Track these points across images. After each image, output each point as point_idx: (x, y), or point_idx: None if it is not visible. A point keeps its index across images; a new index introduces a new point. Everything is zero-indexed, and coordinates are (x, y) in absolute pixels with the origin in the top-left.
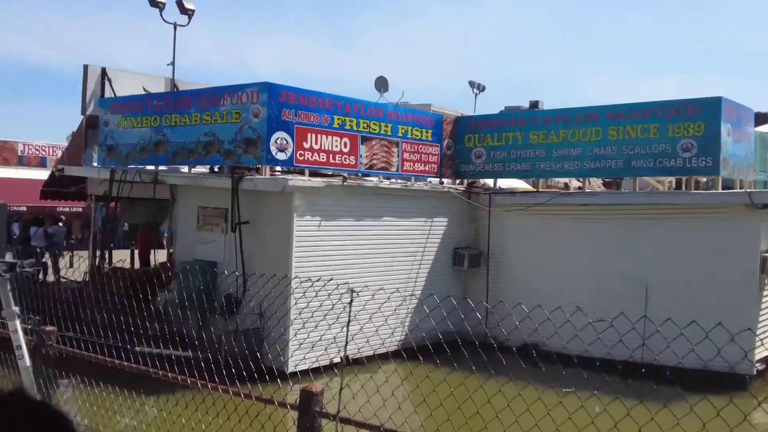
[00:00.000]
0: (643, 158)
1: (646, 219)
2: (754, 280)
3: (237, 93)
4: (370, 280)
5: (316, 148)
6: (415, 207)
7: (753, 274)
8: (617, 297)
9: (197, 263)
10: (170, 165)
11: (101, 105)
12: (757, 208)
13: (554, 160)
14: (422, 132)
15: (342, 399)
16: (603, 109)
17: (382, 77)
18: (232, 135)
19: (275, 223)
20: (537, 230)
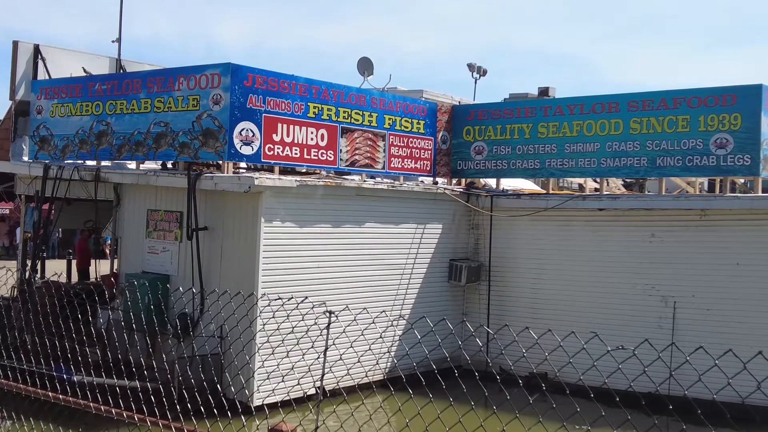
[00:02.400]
0: (670, 155)
1: (675, 227)
2: None
3: (195, 75)
4: (351, 298)
5: (288, 141)
6: (404, 211)
7: None
8: (641, 318)
9: (146, 277)
10: (114, 160)
11: (34, 89)
12: None
13: (567, 157)
14: (413, 123)
15: None
16: (624, 97)
17: (365, 58)
18: (189, 125)
19: (239, 229)
20: (547, 239)
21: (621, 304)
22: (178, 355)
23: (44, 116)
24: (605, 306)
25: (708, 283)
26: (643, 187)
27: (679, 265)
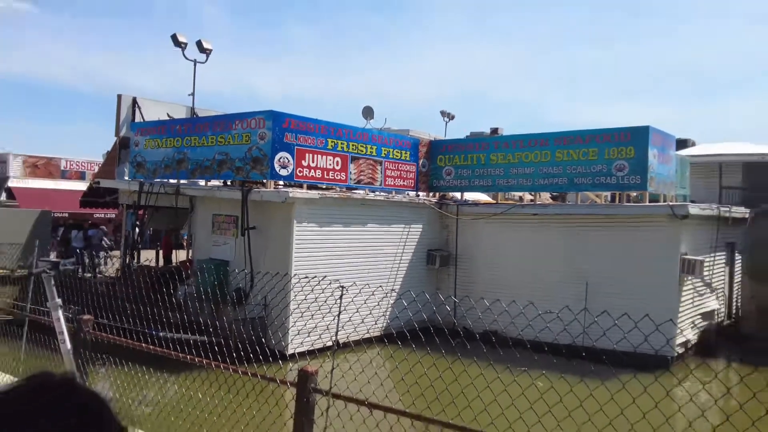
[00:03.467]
0: (584, 176)
1: (587, 226)
2: (675, 278)
3: (246, 119)
4: (357, 277)
5: (313, 166)
6: (395, 216)
7: (674, 273)
8: (563, 291)
9: (212, 262)
10: (190, 179)
11: (132, 128)
12: (677, 218)
13: (511, 178)
14: (402, 153)
15: (333, 378)
16: (552, 135)
17: (368, 107)
18: (242, 154)
19: (278, 228)
20: (496, 235)
21: (549, 281)
22: (234, 318)
23: (140, 148)
24: (537, 282)
25: (611, 265)
26: (564, 198)
27: (590, 253)
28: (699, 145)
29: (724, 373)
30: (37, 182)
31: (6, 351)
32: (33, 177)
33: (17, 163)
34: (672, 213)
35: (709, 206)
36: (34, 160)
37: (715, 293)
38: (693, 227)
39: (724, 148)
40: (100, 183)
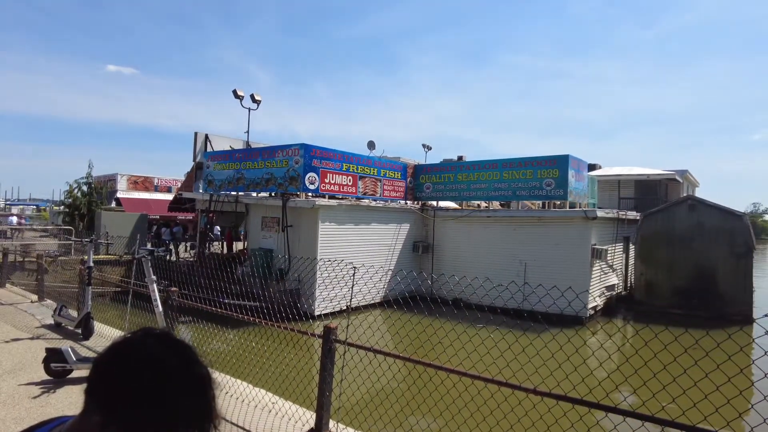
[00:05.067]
0: (523, 190)
1: (525, 225)
2: (588, 261)
3: (286, 149)
4: (363, 260)
5: (332, 182)
6: (390, 217)
7: (587, 258)
8: (508, 270)
9: (261, 250)
10: (245, 192)
11: (205, 156)
12: (589, 219)
13: (471, 191)
14: (395, 173)
15: (348, 332)
16: (500, 161)
17: (371, 141)
18: (283, 174)
19: (308, 226)
20: (461, 231)
21: (498, 263)
22: (277, 290)
23: (210, 170)
24: (489, 263)
25: (542, 253)
26: (509, 205)
27: (527, 243)
28: (603, 168)
29: (623, 329)
30: (138, 194)
31: (117, 313)
32: (134, 190)
33: (123, 181)
34: (585, 216)
35: (611, 211)
36: (135, 178)
37: (615, 272)
38: (600, 226)
39: (621, 170)
40: (182, 194)
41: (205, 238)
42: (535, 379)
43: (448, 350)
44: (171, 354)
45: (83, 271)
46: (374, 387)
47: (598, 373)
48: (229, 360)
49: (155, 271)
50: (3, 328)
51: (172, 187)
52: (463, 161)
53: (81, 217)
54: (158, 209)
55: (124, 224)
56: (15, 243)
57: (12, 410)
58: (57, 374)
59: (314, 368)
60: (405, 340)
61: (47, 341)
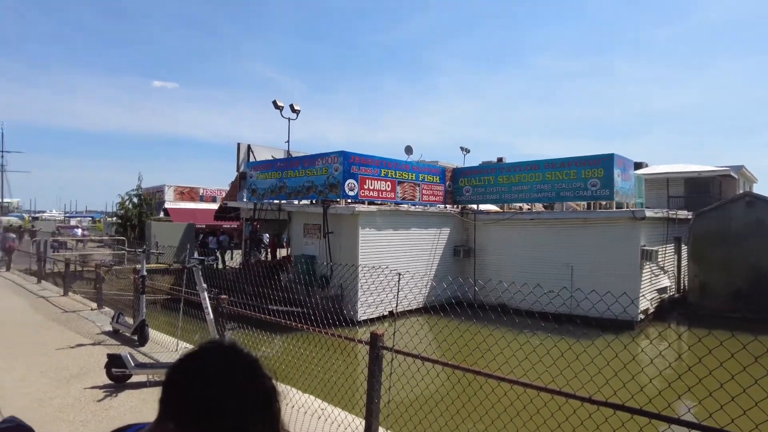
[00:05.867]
0: (567, 191)
1: (570, 226)
2: (637, 263)
3: (325, 157)
4: (403, 265)
5: (371, 188)
6: (430, 222)
7: (636, 260)
8: (553, 273)
9: (304, 257)
10: (287, 200)
11: (248, 166)
12: (637, 219)
13: (513, 193)
14: (433, 178)
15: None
16: (542, 162)
17: (408, 146)
18: (323, 182)
19: (348, 232)
20: (503, 235)
21: (543, 267)
22: (320, 296)
23: (253, 179)
24: (534, 268)
25: (589, 255)
26: (553, 207)
27: (572, 246)
28: (651, 166)
29: (679, 333)
30: (184, 204)
31: (168, 320)
32: (181, 200)
33: (170, 191)
34: (633, 216)
35: (660, 210)
36: (182, 188)
37: (667, 274)
38: (649, 226)
39: (669, 168)
40: (227, 204)
41: (252, 245)
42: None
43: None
44: (238, 366)
45: (137, 280)
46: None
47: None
48: (278, 366)
49: (205, 279)
50: (67, 334)
51: (216, 196)
52: (504, 163)
53: (132, 227)
54: (204, 219)
55: (172, 234)
56: (75, 254)
57: (79, 413)
58: (117, 379)
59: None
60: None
61: (107, 347)
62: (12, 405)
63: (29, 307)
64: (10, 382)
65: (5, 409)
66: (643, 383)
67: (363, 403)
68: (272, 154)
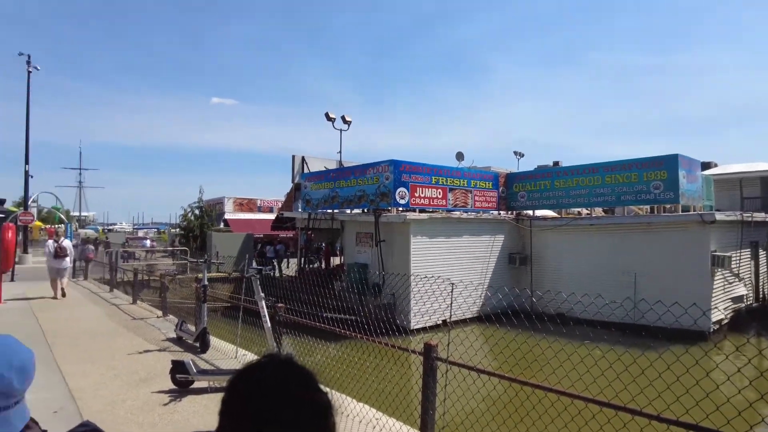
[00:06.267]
0: (628, 194)
1: (632, 232)
2: (708, 270)
3: (376, 166)
4: (456, 274)
5: (423, 196)
6: (483, 229)
7: (706, 266)
8: (615, 281)
9: (356, 265)
10: (340, 209)
11: (302, 177)
12: (706, 223)
13: (571, 198)
14: (486, 183)
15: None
16: (600, 164)
17: (459, 152)
18: (374, 191)
19: (400, 241)
20: (561, 241)
21: (604, 274)
22: (373, 304)
23: (307, 190)
24: (595, 275)
25: (654, 262)
26: (613, 211)
27: (635, 252)
28: (720, 166)
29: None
30: (243, 215)
31: (228, 328)
32: (240, 211)
33: (230, 203)
34: (701, 219)
35: (733, 213)
36: (241, 200)
37: (742, 282)
38: (720, 230)
39: (742, 167)
40: (283, 214)
41: (307, 254)
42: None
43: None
44: (295, 380)
45: (199, 289)
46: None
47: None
48: (332, 374)
49: (263, 288)
50: (136, 340)
51: (273, 207)
52: (560, 167)
53: (194, 238)
54: (262, 228)
55: (232, 244)
56: (142, 263)
57: (148, 416)
58: (181, 384)
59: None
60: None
61: (171, 353)
62: (89, 407)
63: (104, 315)
64: (88, 385)
65: (83, 410)
66: (719, 401)
67: (418, 414)
68: (325, 165)
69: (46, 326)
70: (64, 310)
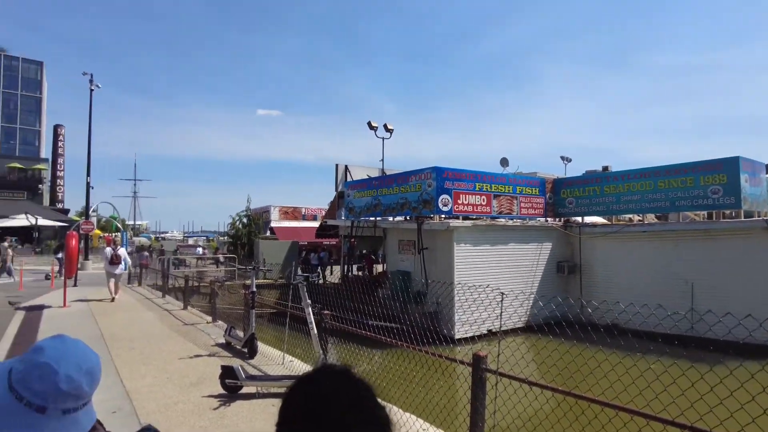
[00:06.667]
0: (684, 200)
1: (689, 239)
2: None
3: (418, 174)
4: (502, 283)
5: (466, 203)
6: (530, 236)
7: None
8: (670, 291)
9: (399, 273)
10: (382, 217)
11: (345, 185)
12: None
13: (621, 204)
14: (532, 190)
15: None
16: (653, 169)
17: (504, 158)
18: (416, 198)
19: (443, 248)
20: (612, 249)
21: (658, 284)
22: (416, 312)
23: (350, 198)
24: (648, 285)
25: (713, 271)
26: (667, 218)
27: (694, 261)
28: None
29: None
30: (288, 223)
31: (275, 334)
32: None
33: (275, 212)
34: (766, 226)
35: None
36: (286, 208)
37: None
38: None
39: None
40: (327, 222)
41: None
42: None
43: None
44: (353, 394)
45: (247, 296)
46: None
47: None
48: (378, 382)
49: (310, 294)
50: (187, 345)
51: (317, 215)
52: (610, 172)
53: (242, 245)
54: (306, 236)
55: (278, 251)
56: (192, 270)
57: (199, 419)
58: (230, 389)
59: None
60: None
61: (221, 359)
62: (144, 407)
63: (157, 320)
64: (143, 387)
65: (140, 411)
66: None
67: (466, 426)
68: (368, 173)
69: (105, 329)
70: (121, 314)
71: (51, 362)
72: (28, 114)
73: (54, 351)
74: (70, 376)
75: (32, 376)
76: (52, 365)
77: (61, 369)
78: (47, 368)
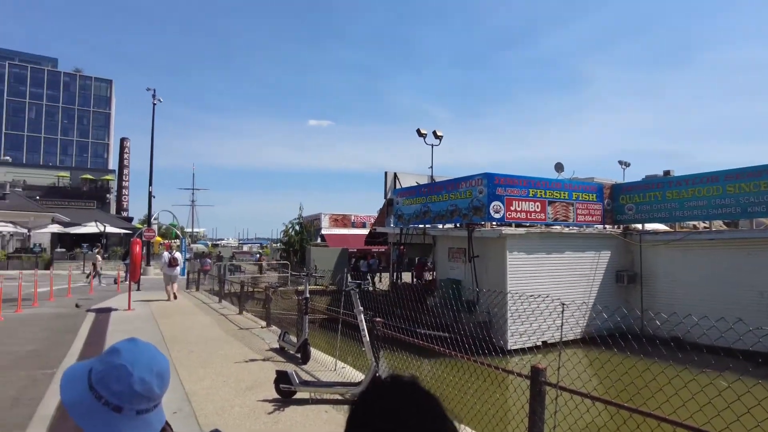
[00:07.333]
0: (756, 205)
1: (763, 247)
2: None
3: (469, 180)
4: (557, 292)
5: (519, 210)
6: (587, 244)
7: None
8: (742, 303)
9: (449, 281)
10: (432, 224)
11: (394, 193)
12: None
13: (685, 210)
14: (589, 196)
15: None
16: (722, 172)
17: (559, 162)
18: (467, 205)
19: (495, 256)
20: (675, 257)
21: (728, 295)
22: (467, 321)
23: (400, 205)
24: (717, 296)
25: None
26: (737, 225)
27: (765, 270)
28: None
29: None
30: (338, 230)
31: (326, 339)
32: (335, 227)
33: (326, 219)
34: None
35: None
36: (336, 216)
37: None
38: None
39: None
40: (376, 229)
41: (398, 268)
42: None
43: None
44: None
45: (300, 302)
46: None
47: None
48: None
49: (362, 301)
50: (243, 349)
51: (366, 222)
52: (672, 176)
53: (295, 252)
54: (356, 243)
55: (329, 258)
56: (247, 276)
57: (254, 423)
58: (284, 394)
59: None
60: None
61: (275, 363)
62: (203, 409)
63: (214, 324)
64: (201, 389)
65: (198, 413)
66: None
67: None
68: (417, 181)
69: (166, 332)
70: (180, 317)
71: (126, 364)
72: (98, 129)
73: (129, 354)
74: (143, 378)
75: (111, 377)
76: (128, 367)
77: (135, 371)
78: (123, 370)
